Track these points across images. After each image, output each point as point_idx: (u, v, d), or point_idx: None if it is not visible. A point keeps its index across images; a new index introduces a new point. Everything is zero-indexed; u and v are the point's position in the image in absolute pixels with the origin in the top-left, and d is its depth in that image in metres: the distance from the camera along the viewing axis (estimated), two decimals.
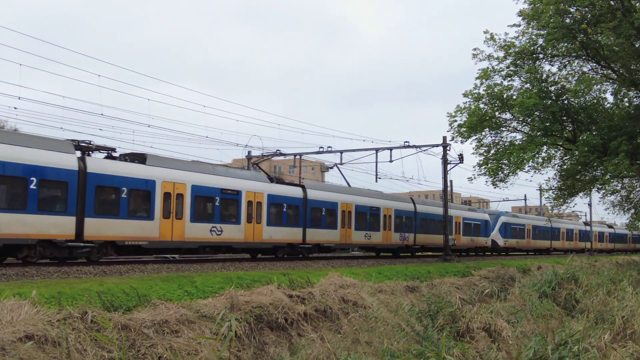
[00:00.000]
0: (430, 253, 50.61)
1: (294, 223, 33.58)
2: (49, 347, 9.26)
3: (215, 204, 28.74)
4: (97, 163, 24.18)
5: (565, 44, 35.71)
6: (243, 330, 12.73)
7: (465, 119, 37.00)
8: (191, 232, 27.27)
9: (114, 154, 26.09)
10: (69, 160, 22.73)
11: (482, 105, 36.97)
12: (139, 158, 26.56)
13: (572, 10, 33.93)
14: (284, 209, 33.09)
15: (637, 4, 31.96)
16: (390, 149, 43.64)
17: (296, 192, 34.56)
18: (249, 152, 48.10)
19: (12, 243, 21.44)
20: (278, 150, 46.74)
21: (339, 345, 12.70)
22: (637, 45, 34.47)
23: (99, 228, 23.61)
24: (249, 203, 30.56)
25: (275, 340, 13.33)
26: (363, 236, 39.28)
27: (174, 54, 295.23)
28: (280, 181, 35.97)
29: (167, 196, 26.38)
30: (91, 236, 23.26)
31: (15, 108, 32.13)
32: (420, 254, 48.52)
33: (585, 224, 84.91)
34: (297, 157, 47.55)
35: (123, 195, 24.61)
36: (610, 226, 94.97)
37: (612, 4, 32.86)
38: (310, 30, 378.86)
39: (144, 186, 25.58)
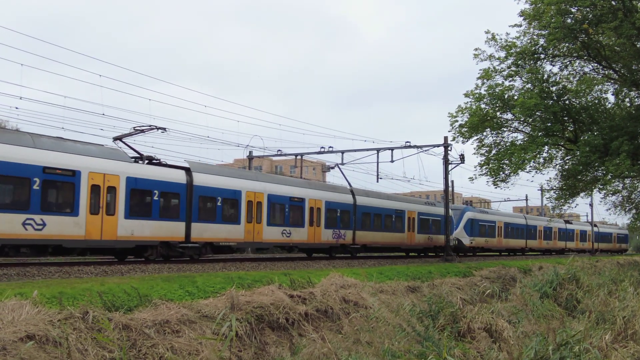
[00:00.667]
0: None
1: (171, 216, 26.62)
2: (50, 347, 9.26)
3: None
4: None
5: (567, 44, 35.72)
6: (244, 330, 12.72)
7: (467, 119, 37.10)
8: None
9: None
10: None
11: (483, 106, 37.08)
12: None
13: (573, 10, 33.93)
14: (156, 197, 25.85)
15: (639, 4, 31.96)
16: (392, 149, 43.60)
17: (175, 175, 27.24)
18: (250, 152, 48.20)
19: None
20: (279, 150, 46.84)
21: (340, 345, 12.71)
22: (638, 46, 34.48)
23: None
24: (94, 189, 23.29)
25: (276, 340, 13.33)
26: (280, 233, 32.63)
27: (173, 54, 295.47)
28: (153, 162, 27.59)
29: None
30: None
31: (16, 108, 32.57)
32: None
33: (566, 222, 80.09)
34: (299, 157, 47.60)
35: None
36: (595, 225, 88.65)
37: (614, 4, 32.82)
38: (310, 30, 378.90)
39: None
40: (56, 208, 22.43)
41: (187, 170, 28.00)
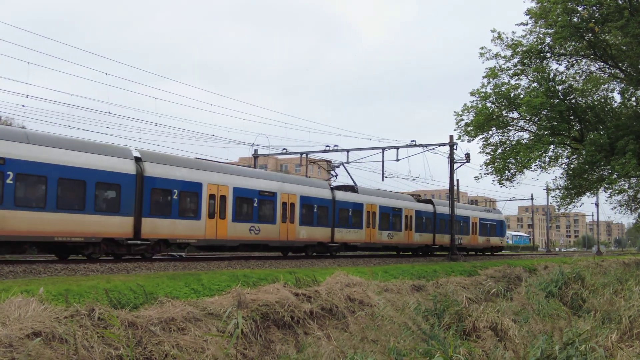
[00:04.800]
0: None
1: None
2: (57, 343, 9.27)
3: None
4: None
5: (573, 43, 35.67)
6: (249, 328, 12.73)
7: (472, 118, 37.11)
8: None
9: None
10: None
11: (489, 104, 37.07)
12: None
13: (579, 9, 33.92)
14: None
15: None
16: (397, 147, 43.66)
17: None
18: (256, 151, 48.22)
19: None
20: (284, 148, 46.90)
21: (346, 343, 12.69)
22: None
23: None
24: None
25: (281, 338, 13.35)
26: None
27: (173, 52, 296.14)
28: None
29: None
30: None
31: (23, 106, 32.58)
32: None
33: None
34: (304, 155, 47.57)
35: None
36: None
37: (620, 3, 32.73)
38: (309, 29, 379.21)
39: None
40: None
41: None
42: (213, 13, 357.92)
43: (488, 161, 37.84)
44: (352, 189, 39.80)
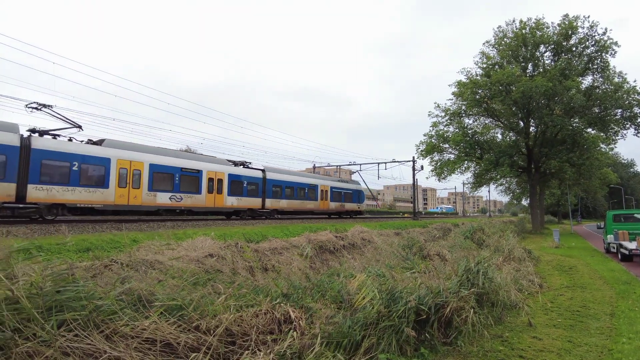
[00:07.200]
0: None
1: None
2: (220, 259, 9.48)
3: None
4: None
5: (476, 109, 35.69)
6: (313, 253, 12.78)
7: (424, 147, 37.32)
8: None
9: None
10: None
11: (433, 140, 37.16)
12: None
13: (479, 91, 34.26)
14: None
15: (513, 88, 31.78)
16: (385, 162, 43.33)
17: None
18: (314, 164, 48.26)
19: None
20: (328, 163, 46.90)
21: (364, 261, 12.68)
22: (513, 109, 34.37)
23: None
24: None
25: (329, 258, 13.34)
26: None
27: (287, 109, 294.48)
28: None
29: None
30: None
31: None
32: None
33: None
34: (337, 167, 47.56)
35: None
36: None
37: (500, 88, 32.91)
38: (325, 102, 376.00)
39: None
40: None
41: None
42: (278, 94, 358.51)
43: (433, 169, 37.76)
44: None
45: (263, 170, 26.07)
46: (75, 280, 3.10)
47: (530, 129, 36.14)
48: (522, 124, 36.73)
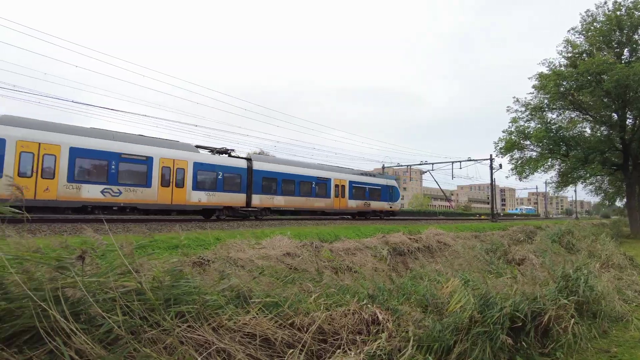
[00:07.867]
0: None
1: None
2: (297, 258, 9.70)
3: None
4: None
5: (561, 102, 33.21)
6: (388, 254, 12.62)
7: (503, 145, 35.59)
8: None
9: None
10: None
11: (513, 137, 35.22)
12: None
13: (564, 83, 31.84)
14: None
15: (605, 77, 28.87)
16: (460, 161, 41.65)
17: None
18: (383, 165, 47.72)
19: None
20: (398, 163, 46.11)
21: (446, 265, 12.26)
22: (605, 100, 31.39)
23: None
24: None
25: (402, 260, 13.07)
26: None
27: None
28: None
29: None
30: None
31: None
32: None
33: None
34: (408, 167, 46.54)
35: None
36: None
37: (589, 78, 30.12)
38: (401, 100, 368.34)
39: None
40: None
41: None
42: (352, 96, 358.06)
43: (513, 168, 35.83)
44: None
45: (249, 160, 21.20)
46: (185, 276, 3.35)
47: (627, 122, 32.63)
48: (616, 116, 33.34)
